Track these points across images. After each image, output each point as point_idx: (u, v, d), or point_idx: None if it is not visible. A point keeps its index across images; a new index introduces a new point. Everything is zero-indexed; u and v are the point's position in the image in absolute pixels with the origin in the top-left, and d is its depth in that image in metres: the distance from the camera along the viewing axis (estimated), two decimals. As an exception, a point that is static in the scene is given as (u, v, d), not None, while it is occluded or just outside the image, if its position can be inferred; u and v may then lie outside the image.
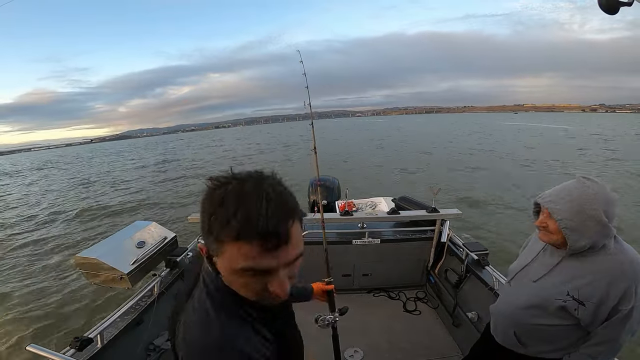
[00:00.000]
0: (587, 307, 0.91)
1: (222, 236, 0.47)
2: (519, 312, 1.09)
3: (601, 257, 0.92)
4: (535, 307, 1.03)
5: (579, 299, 0.92)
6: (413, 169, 13.12)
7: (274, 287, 0.52)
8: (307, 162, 1.74)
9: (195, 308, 0.58)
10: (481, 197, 8.36)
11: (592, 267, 0.93)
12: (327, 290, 1.29)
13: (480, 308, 2.04)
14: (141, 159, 28.92)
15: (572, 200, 0.92)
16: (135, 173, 18.92)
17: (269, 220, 0.46)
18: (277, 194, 0.49)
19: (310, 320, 1.27)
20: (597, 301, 0.90)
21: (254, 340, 0.58)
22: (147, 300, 1.90)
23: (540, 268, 1.05)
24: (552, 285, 0.99)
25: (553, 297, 0.97)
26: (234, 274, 0.51)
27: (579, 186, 0.93)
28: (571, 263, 0.97)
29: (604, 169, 11.75)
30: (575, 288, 0.94)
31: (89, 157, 43.65)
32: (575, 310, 0.93)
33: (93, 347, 1.46)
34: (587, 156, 15.00)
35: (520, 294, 1.10)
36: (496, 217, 6.91)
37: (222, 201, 0.47)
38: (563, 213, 0.93)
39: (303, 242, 0.56)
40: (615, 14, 1.04)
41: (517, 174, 11.11)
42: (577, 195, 0.92)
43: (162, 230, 2.34)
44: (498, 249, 4.88)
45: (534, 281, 1.05)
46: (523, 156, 15.46)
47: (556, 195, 0.96)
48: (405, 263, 2.74)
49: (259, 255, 0.47)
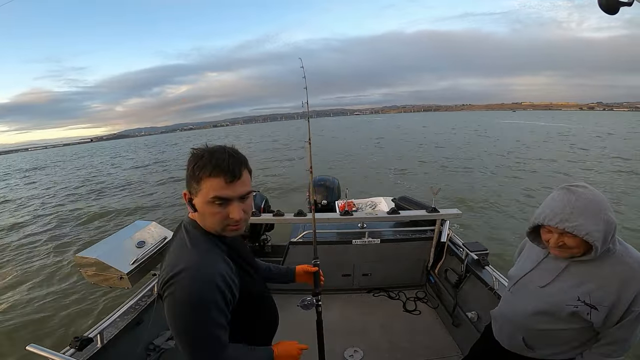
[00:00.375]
0: (600, 311, 0.90)
1: (201, 175, 0.73)
2: (527, 318, 1.07)
3: (609, 259, 0.91)
4: (545, 313, 1.01)
5: (591, 304, 0.91)
6: (409, 168, 13.14)
7: (232, 213, 0.76)
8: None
9: (176, 244, 0.83)
10: (475, 197, 8.38)
11: (600, 270, 0.92)
12: (313, 272, 1.36)
13: (480, 308, 2.04)
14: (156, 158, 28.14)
15: (589, 211, 0.88)
16: (137, 172, 18.87)
17: (229, 164, 0.74)
18: (234, 152, 0.79)
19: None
20: (610, 304, 0.89)
21: (224, 265, 0.79)
22: (147, 300, 1.90)
23: (546, 274, 1.03)
24: (561, 291, 0.98)
25: (564, 302, 0.96)
26: (206, 204, 0.75)
27: (579, 195, 0.90)
28: (579, 267, 0.96)
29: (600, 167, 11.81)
30: (585, 293, 0.92)
31: (89, 158, 42.73)
32: (588, 315, 0.92)
33: (93, 347, 1.46)
34: (579, 154, 15.05)
35: (527, 300, 1.07)
36: (488, 217, 6.92)
37: (202, 156, 0.75)
38: (586, 227, 0.87)
39: (251, 185, 0.82)
40: (615, 13, 1.04)
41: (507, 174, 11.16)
42: (585, 205, 0.89)
43: (162, 230, 2.34)
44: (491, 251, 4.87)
45: (541, 287, 1.03)
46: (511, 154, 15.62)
47: (567, 211, 0.90)
48: (405, 263, 2.75)
49: (223, 187, 0.74)
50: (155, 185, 13.76)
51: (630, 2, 0.97)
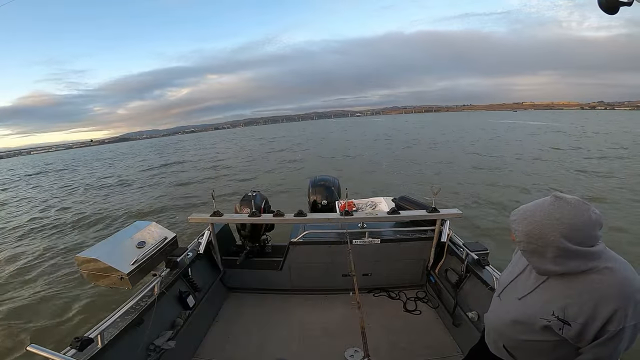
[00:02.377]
0: (573, 327, 0.88)
1: None
2: (506, 327, 1.07)
3: (590, 276, 0.88)
4: (521, 323, 1.00)
5: (564, 319, 0.89)
6: (403, 168, 13.19)
7: None
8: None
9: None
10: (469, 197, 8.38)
11: (579, 286, 0.89)
12: None
13: (481, 308, 2.04)
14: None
15: (534, 222, 0.88)
16: (143, 174, 18.69)
17: None
18: None
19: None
20: (583, 322, 0.87)
21: None
22: (148, 300, 1.90)
23: (526, 285, 1.02)
24: (537, 304, 0.96)
25: (538, 315, 0.94)
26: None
27: (546, 207, 0.89)
28: (557, 282, 0.93)
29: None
30: (560, 308, 0.90)
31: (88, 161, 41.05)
32: (560, 330, 0.91)
33: (93, 347, 1.46)
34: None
35: (507, 310, 1.07)
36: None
37: None
38: (521, 235, 0.90)
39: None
40: (615, 13, 1.04)
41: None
42: (540, 218, 0.88)
43: (162, 231, 2.34)
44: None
45: (519, 299, 1.02)
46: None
47: (522, 214, 0.92)
48: (405, 263, 2.75)
49: None
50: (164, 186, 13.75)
51: (630, 2, 0.97)
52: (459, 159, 14.93)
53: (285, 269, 2.77)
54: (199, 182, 13.76)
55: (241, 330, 2.42)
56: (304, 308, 2.66)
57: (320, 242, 2.68)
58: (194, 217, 2.64)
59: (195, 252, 2.56)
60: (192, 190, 11.86)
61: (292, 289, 2.83)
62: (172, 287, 2.15)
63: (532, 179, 10.08)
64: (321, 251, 2.66)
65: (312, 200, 3.52)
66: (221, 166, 18.36)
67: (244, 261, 2.83)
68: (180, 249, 2.38)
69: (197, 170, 17.80)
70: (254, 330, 2.42)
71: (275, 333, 2.38)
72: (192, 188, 12.29)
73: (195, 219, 2.64)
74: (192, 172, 17.21)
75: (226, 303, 2.77)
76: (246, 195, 2.87)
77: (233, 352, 2.22)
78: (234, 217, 2.71)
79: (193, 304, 2.27)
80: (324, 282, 2.78)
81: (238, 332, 2.41)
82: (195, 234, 3.02)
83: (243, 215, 2.64)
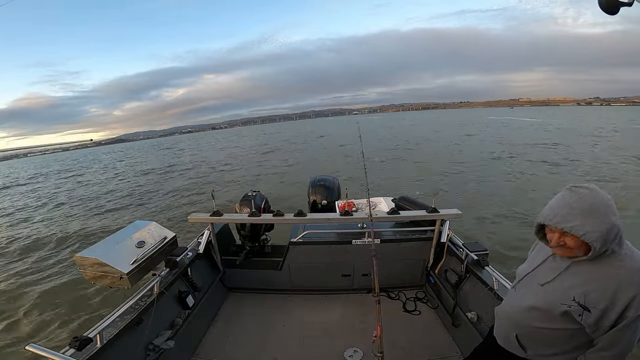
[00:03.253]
0: (593, 314, 0.90)
1: None
2: (522, 314, 1.08)
3: (611, 262, 0.90)
4: (539, 309, 1.02)
5: (585, 305, 0.91)
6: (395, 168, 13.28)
7: None
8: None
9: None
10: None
11: (601, 273, 0.91)
12: None
13: (480, 308, 2.04)
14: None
15: (588, 212, 0.88)
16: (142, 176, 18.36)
17: None
18: None
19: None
20: (604, 307, 0.88)
21: None
22: (147, 300, 1.89)
23: (549, 272, 1.04)
24: (559, 290, 0.98)
25: (559, 301, 0.96)
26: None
27: (585, 196, 0.89)
28: (580, 268, 0.96)
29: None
30: (582, 294, 0.92)
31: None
32: (580, 316, 0.92)
33: (92, 347, 1.46)
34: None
35: (526, 297, 1.09)
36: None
37: None
38: (585, 227, 0.88)
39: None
40: (616, 14, 1.03)
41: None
42: (589, 206, 0.88)
43: (162, 230, 2.34)
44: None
45: (541, 285, 1.04)
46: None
47: (564, 212, 0.91)
48: (405, 263, 2.75)
49: None
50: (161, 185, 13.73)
51: (630, 3, 0.97)
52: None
53: (285, 269, 2.77)
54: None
55: (241, 330, 2.42)
56: (304, 308, 2.66)
57: (320, 242, 2.67)
58: (194, 217, 2.64)
59: (195, 251, 2.56)
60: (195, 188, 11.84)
61: (291, 289, 2.83)
62: (171, 287, 2.14)
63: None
64: (321, 251, 2.66)
65: (312, 200, 3.52)
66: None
67: (243, 261, 2.83)
68: (179, 249, 2.38)
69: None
70: (254, 330, 2.41)
71: (274, 333, 2.37)
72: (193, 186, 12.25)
73: (195, 219, 2.63)
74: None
75: (226, 303, 2.76)
76: (246, 195, 2.87)
77: (232, 352, 2.22)
78: (233, 217, 2.71)
79: (192, 303, 2.27)
80: (323, 282, 2.77)
81: (238, 332, 2.41)
82: (195, 233, 3.02)
83: (243, 215, 2.64)
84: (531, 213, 6.38)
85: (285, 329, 2.43)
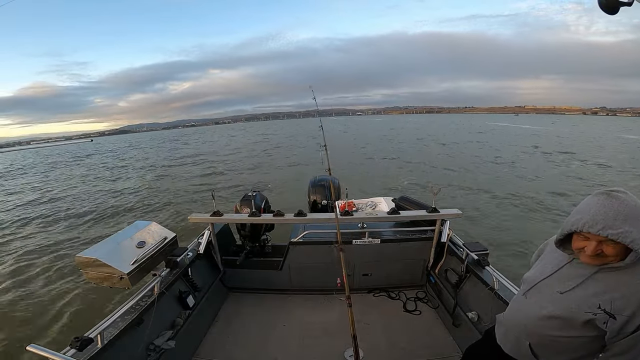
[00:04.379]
0: (618, 320, 0.88)
1: None
2: (539, 322, 1.04)
3: (636, 270, 0.88)
4: (560, 318, 0.98)
5: (611, 312, 0.88)
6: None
7: None
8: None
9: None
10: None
11: (628, 279, 0.89)
12: None
13: (481, 308, 2.04)
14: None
15: (630, 218, 0.86)
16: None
17: None
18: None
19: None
20: (630, 313, 0.86)
21: None
22: (148, 300, 1.90)
23: (569, 279, 1.00)
24: (582, 298, 0.95)
25: (582, 310, 0.93)
26: None
27: (626, 201, 0.88)
28: (607, 275, 0.93)
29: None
30: (607, 301, 0.90)
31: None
32: (605, 324, 0.90)
33: (93, 347, 1.46)
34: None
35: (542, 305, 1.04)
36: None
37: None
38: (633, 234, 0.84)
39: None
40: (615, 13, 1.04)
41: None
42: (630, 211, 0.86)
43: (162, 230, 2.35)
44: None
45: (562, 293, 1.00)
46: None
47: (605, 218, 0.88)
48: (405, 263, 2.75)
49: None
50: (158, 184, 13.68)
51: (630, 2, 0.97)
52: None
53: (285, 269, 2.77)
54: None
55: (241, 330, 2.42)
56: (304, 308, 2.66)
57: (320, 242, 2.68)
58: (194, 217, 2.64)
59: (195, 252, 2.56)
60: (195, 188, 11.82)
61: (292, 289, 2.83)
62: (172, 287, 2.15)
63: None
64: (321, 251, 2.66)
65: (312, 200, 3.52)
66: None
67: (243, 261, 2.83)
68: (180, 249, 2.39)
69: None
70: (254, 330, 2.42)
71: (275, 333, 2.38)
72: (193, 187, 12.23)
73: (195, 219, 2.64)
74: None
75: (226, 303, 2.77)
76: (246, 195, 2.87)
77: (233, 352, 2.22)
78: (234, 217, 2.71)
79: (193, 303, 2.27)
80: (323, 282, 2.77)
81: (238, 332, 2.41)
82: (195, 234, 3.02)
83: (243, 215, 2.64)
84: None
85: (286, 329, 2.43)
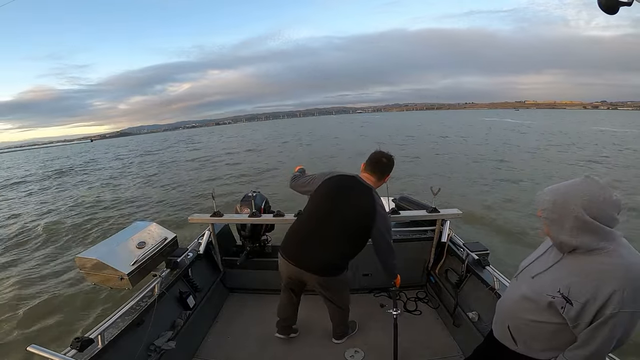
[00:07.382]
0: (574, 307, 0.90)
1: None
2: (515, 303, 1.11)
3: (598, 258, 0.90)
4: (529, 299, 1.04)
5: (568, 297, 0.92)
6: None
7: None
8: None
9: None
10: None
11: (586, 266, 0.92)
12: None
13: (481, 308, 2.04)
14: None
15: (560, 193, 0.94)
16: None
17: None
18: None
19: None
20: (584, 301, 0.88)
21: None
22: (148, 300, 1.90)
23: (542, 264, 1.07)
24: (547, 281, 1.01)
25: (545, 292, 0.98)
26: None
27: (575, 182, 0.94)
28: (569, 262, 0.97)
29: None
30: (566, 286, 0.93)
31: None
32: (562, 309, 0.93)
33: (94, 348, 1.46)
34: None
35: (520, 287, 1.12)
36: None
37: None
38: (546, 203, 0.96)
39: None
40: (615, 13, 1.04)
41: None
42: (566, 190, 0.93)
43: (163, 231, 2.35)
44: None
45: (532, 276, 1.07)
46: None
47: (552, 188, 0.98)
48: (405, 263, 2.74)
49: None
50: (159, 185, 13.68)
51: (630, 2, 0.97)
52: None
53: None
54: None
55: (242, 331, 2.42)
56: (304, 308, 2.66)
57: None
58: (194, 217, 2.64)
59: (196, 252, 2.56)
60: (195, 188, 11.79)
61: None
62: (172, 288, 2.15)
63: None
64: None
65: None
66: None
67: (244, 261, 2.83)
68: (180, 249, 2.39)
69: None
70: (254, 330, 2.41)
71: (275, 333, 2.38)
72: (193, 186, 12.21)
73: (196, 220, 2.64)
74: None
75: (226, 303, 2.77)
76: (246, 196, 2.87)
77: (233, 352, 2.22)
78: (234, 218, 2.71)
79: (193, 304, 2.27)
80: None
81: (238, 332, 2.41)
82: (195, 234, 3.02)
83: (243, 216, 2.64)
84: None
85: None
